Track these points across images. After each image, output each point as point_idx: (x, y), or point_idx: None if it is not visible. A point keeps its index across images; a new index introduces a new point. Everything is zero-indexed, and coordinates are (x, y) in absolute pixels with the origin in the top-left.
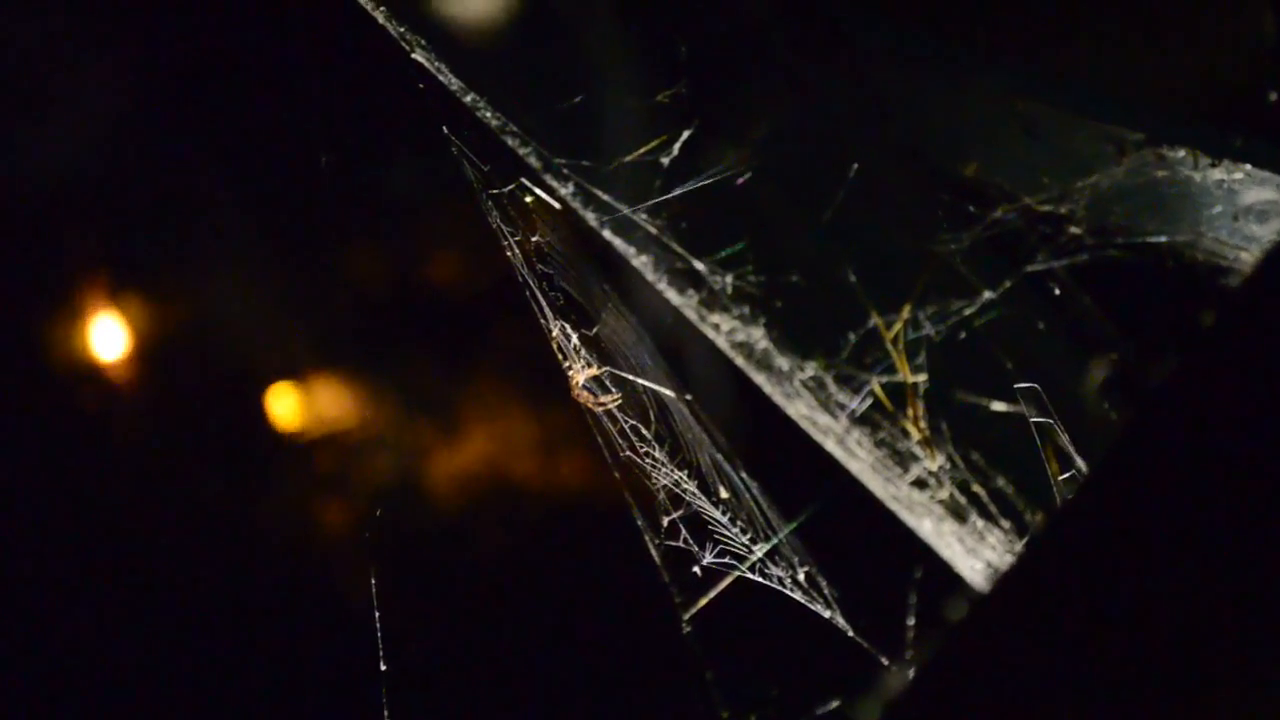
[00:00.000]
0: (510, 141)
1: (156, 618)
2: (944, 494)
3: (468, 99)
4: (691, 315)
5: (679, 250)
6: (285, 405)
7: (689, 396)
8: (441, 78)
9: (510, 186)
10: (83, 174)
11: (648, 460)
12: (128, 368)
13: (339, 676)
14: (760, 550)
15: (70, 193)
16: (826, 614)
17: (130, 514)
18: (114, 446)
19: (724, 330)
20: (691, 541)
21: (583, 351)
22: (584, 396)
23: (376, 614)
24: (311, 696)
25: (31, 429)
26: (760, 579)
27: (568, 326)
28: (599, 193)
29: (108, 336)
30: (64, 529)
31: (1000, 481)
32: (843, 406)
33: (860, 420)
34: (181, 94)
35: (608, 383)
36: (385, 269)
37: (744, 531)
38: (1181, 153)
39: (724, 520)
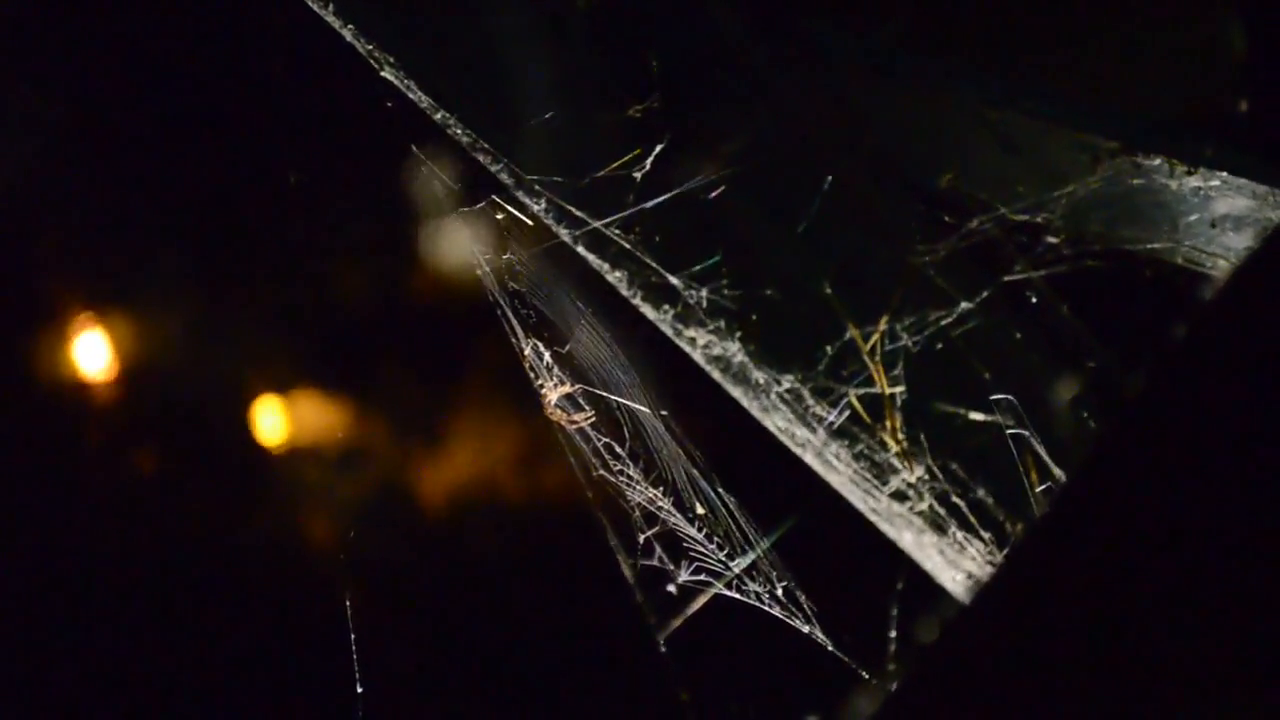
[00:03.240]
0: (482, 158)
1: (142, 635)
2: (923, 505)
3: (438, 116)
4: (667, 330)
5: (653, 265)
6: (266, 423)
7: (664, 412)
8: (411, 95)
9: (482, 204)
10: (68, 183)
11: (622, 478)
12: (109, 385)
13: (319, 698)
14: (737, 566)
15: (52, 199)
16: (806, 629)
17: (115, 532)
18: (97, 466)
19: (700, 344)
20: (667, 560)
21: (555, 369)
22: (557, 415)
23: (353, 636)
24: (292, 716)
25: (9, 444)
26: (738, 595)
27: (540, 344)
28: (572, 209)
29: (88, 353)
30: (47, 545)
31: (980, 492)
32: (821, 419)
33: (838, 433)
34: (150, 109)
35: (581, 400)
36: (363, 286)
37: (721, 547)
38: (1157, 160)
39: (700, 537)
